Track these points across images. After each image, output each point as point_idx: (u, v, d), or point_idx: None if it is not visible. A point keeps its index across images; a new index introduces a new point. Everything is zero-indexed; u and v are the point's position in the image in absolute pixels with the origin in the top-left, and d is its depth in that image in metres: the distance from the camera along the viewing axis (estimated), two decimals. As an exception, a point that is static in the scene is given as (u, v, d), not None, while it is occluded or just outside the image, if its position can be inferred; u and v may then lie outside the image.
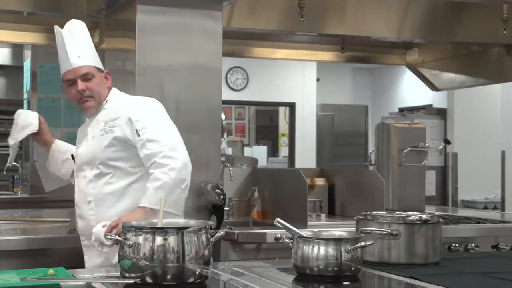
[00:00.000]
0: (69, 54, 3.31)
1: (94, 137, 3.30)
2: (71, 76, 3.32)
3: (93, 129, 3.33)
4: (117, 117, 3.25)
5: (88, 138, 3.34)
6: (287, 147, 12.44)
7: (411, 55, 6.46)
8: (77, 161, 3.37)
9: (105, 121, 3.29)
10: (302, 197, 4.36)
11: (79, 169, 3.34)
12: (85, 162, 3.31)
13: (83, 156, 3.33)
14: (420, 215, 2.79)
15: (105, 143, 3.23)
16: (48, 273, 2.36)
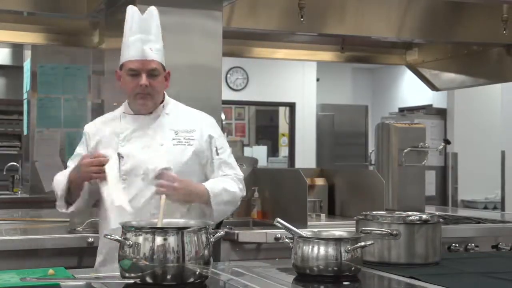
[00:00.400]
0: (142, 43, 3.04)
1: (163, 145, 3.07)
2: (137, 67, 3.04)
3: (159, 134, 3.09)
4: (193, 129, 3.13)
5: (152, 143, 3.07)
6: (287, 147, 12.43)
7: (411, 55, 6.46)
8: (135, 164, 3.04)
9: (175, 130, 3.10)
10: (302, 197, 4.36)
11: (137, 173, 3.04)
12: (151, 170, 3.02)
13: (148, 163, 3.03)
14: (420, 215, 2.79)
15: (186, 157, 3.06)
16: (48, 273, 2.36)
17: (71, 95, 6.99)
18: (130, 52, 3.05)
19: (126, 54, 3.07)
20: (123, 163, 3.03)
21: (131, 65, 3.04)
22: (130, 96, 3.09)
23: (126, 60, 3.06)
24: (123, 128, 3.11)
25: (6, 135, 9.18)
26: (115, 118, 3.18)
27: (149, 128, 3.10)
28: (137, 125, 3.11)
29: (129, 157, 3.05)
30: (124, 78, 3.08)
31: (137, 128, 3.11)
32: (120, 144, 3.07)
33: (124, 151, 3.06)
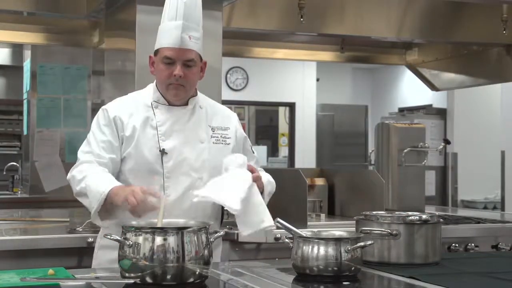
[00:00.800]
0: (182, 30, 2.89)
1: (204, 142, 2.98)
2: (173, 55, 2.89)
3: (198, 130, 2.99)
4: (227, 127, 3.08)
5: (192, 139, 2.97)
6: (287, 147, 12.44)
7: (411, 55, 6.46)
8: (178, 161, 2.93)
9: (211, 127, 3.04)
10: (302, 197, 4.35)
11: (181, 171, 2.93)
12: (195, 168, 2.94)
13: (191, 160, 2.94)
14: (420, 215, 2.79)
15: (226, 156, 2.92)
16: (48, 273, 2.36)
17: (71, 95, 6.98)
18: (167, 39, 2.90)
19: (163, 40, 2.92)
20: (166, 160, 2.91)
21: (166, 53, 2.89)
22: (163, 84, 2.95)
23: (162, 47, 2.91)
24: (160, 120, 2.96)
25: (6, 135, 9.18)
26: (144, 106, 2.99)
27: (188, 123, 2.98)
28: (175, 118, 2.97)
29: (173, 153, 2.92)
30: (158, 65, 2.94)
31: (176, 122, 2.97)
32: (160, 139, 2.92)
33: (167, 146, 2.92)
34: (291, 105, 11.67)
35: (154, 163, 2.90)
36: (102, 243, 3.05)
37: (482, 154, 8.39)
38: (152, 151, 2.91)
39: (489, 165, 8.18)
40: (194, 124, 2.99)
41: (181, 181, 2.92)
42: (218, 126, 3.06)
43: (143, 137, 2.92)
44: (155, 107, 2.98)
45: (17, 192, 7.13)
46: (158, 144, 2.91)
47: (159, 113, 2.97)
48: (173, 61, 2.89)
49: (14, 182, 7.25)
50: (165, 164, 2.90)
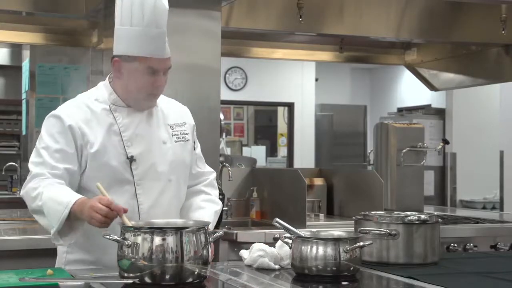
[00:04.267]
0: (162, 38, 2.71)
1: (166, 143, 2.84)
2: (157, 66, 2.71)
3: (158, 131, 2.85)
4: (183, 123, 2.93)
5: (155, 141, 2.82)
6: (285, 147, 12.43)
7: (409, 55, 6.46)
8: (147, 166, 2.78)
9: (169, 124, 2.88)
10: (300, 197, 4.36)
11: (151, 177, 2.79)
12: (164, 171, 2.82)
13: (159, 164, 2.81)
14: (418, 215, 2.79)
15: (188, 153, 2.90)
16: (47, 273, 2.36)
17: (69, 95, 6.98)
18: (151, 49, 2.69)
19: (143, 48, 2.70)
20: (135, 167, 2.74)
21: (151, 64, 2.70)
22: (140, 94, 2.75)
23: (144, 56, 2.70)
24: (124, 125, 2.77)
25: (4, 135, 9.18)
26: (103, 110, 2.78)
27: (148, 124, 2.82)
28: (137, 121, 2.80)
29: (141, 159, 2.76)
30: (135, 75, 2.73)
31: (138, 125, 2.79)
32: (126, 145, 2.75)
33: (135, 153, 2.75)
34: (290, 105, 11.67)
35: (123, 172, 2.73)
36: (70, 258, 2.82)
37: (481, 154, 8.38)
38: (119, 158, 2.73)
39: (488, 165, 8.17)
40: (155, 125, 2.84)
41: (152, 186, 2.78)
42: (176, 123, 2.91)
43: (109, 145, 2.73)
44: (114, 111, 2.79)
45: (16, 192, 7.13)
46: (125, 151, 2.74)
47: (120, 117, 2.78)
48: (156, 70, 2.72)
49: (13, 182, 7.26)
50: (134, 171, 2.75)
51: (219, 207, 3.01)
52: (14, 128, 9.05)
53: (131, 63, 2.73)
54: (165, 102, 2.95)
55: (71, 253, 2.80)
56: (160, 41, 2.70)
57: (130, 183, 2.75)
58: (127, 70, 2.76)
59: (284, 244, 2.60)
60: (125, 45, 2.75)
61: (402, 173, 5.06)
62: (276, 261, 2.67)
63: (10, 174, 7.42)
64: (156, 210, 2.77)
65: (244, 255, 2.77)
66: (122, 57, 2.76)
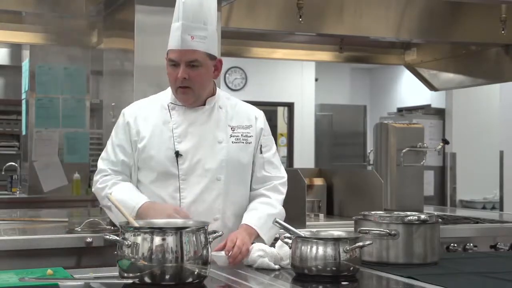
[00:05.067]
0: (181, 30, 2.81)
1: (221, 142, 2.93)
2: (175, 57, 2.84)
3: (215, 130, 2.94)
4: (249, 125, 3.00)
5: (209, 140, 2.92)
6: (285, 147, 12.43)
7: (409, 55, 6.46)
8: (193, 163, 2.89)
9: (231, 126, 2.97)
10: (300, 197, 4.35)
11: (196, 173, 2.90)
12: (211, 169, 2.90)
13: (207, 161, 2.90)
14: (418, 215, 2.79)
15: (246, 155, 2.97)
16: (47, 273, 2.36)
17: (69, 95, 6.99)
18: (171, 41, 2.86)
19: (169, 42, 2.88)
20: (181, 162, 2.88)
21: (171, 55, 2.87)
22: (172, 88, 2.94)
23: (168, 49, 2.88)
24: (176, 121, 2.92)
25: (4, 135, 9.17)
26: (161, 108, 2.97)
27: (205, 123, 2.94)
28: (191, 119, 2.93)
29: (188, 155, 2.89)
30: (167, 68, 2.91)
31: (192, 123, 2.93)
32: (176, 140, 2.89)
33: (182, 148, 2.89)
34: (290, 105, 11.67)
35: (169, 166, 2.88)
36: None
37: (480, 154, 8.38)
38: (167, 153, 2.89)
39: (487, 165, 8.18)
40: (212, 125, 2.94)
41: (196, 182, 2.90)
42: (239, 125, 2.99)
43: (159, 139, 2.91)
44: (171, 109, 2.96)
45: (16, 192, 7.13)
46: (173, 146, 2.89)
47: (175, 114, 2.94)
48: (177, 63, 2.85)
49: (13, 182, 7.25)
50: (180, 166, 2.88)
51: (276, 211, 2.99)
52: (14, 128, 9.04)
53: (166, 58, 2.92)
54: (234, 104, 3.05)
55: None
56: (179, 33, 2.80)
57: (175, 177, 2.89)
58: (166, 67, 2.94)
59: (284, 244, 2.60)
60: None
61: (402, 173, 5.06)
62: (276, 261, 2.67)
63: (10, 174, 7.42)
64: (198, 207, 2.88)
65: None
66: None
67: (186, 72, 2.83)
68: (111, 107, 4.40)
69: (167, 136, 2.91)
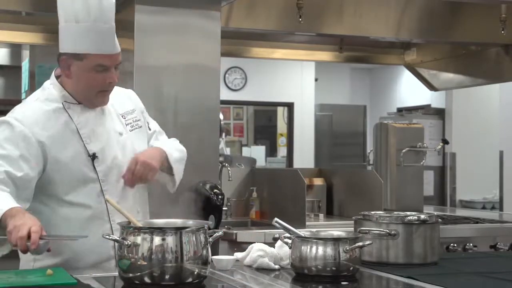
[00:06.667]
0: (112, 32, 2.64)
1: (122, 134, 2.79)
2: (107, 63, 2.64)
3: (112, 122, 2.78)
4: (133, 109, 2.88)
5: (111, 134, 2.76)
6: (285, 147, 12.43)
7: (409, 55, 6.46)
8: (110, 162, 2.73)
9: (121, 114, 2.83)
10: (300, 197, 4.36)
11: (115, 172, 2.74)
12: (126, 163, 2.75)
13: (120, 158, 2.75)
14: (418, 215, 2.79)
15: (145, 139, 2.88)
16: (47, 273, 2.36)
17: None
18: (98, 45, 2.61)
19: (92, 46, 2.61)
20: (98, 164, 2.68)
21: (101, 61, 2.62)
22: (91, 91, 2.68)
23: (91, 53, 2.61)
24: (79, 121, 2.69)
25: (4, 135, 9.16)
26: (54, 109, 2.70)
27: (103, 118, 2.76)
28: (92, 116, 2.73)
29: (103, 155, 2.70)
30: (84, 73, 2.64)
31: (93, 120, 2.72)
32: (85, 142, 2.67)
33: (96, 149, 2.69)
34: (290, 105, 11.67)
35: (85, 170, 2.67)
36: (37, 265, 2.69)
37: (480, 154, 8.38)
38: (80, 157, 2.67)
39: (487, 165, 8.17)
40: (109, 118, 2.78)
41: (116, 181, 2.73)
42: (126, 111, 2.86)
43: (67, 144, 2.66)
44: (67, 108, 2.70)
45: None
46: (85, 149, 2.68)
47: (74, 114, 2.70)
48: (107, 67, 2.64)
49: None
50: (98, 168, 2.68)
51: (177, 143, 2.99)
52: (13, 128, 9.03)
53: (80, 61, 2.64)
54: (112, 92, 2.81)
55: (40, 260, 2.66)
56: (109, 37, 2.62)
57: (95, 181, 2.69)
58: (76, 68, 2.66)
59: (283, 244, 2.60)
60: (72, 43, 2.63)
61: (402, 173, 5.06)
62: (276, 261, 2.67)
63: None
64: (125, 204, 2.68)
65: (240, 255, 2.77)
66: (70, 55, 2.65)
67: (115, 76, 2.69)
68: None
69: (74, 139, 2.68)
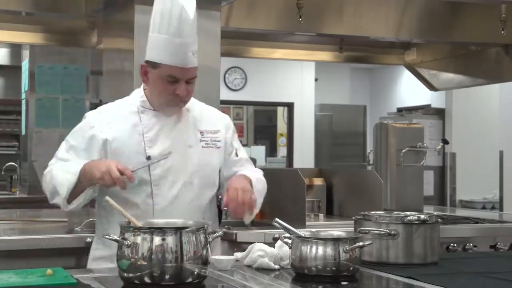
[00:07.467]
0: (188, 47, 2.78)
1: (192, 147, 2.91)
2: (178, 75, 2.79)
3: (186, 135, 2.92)
4: (218, 130, 2.99)
5: (180, 145, 2.88)
6: (285, 147, 12.44)
7: (409, 55, 6.46)
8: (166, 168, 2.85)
9: (200, 131, 2.96)
10: (300, 197, 4.35)
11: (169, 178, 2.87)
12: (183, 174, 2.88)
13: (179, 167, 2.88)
14: (418, 215, 2.79)
15: (216, 160, 2.97)
16: (46, 273, 2.36)
17: (69, 95, 7.00)
18: (172, 57, 2.77)
19: (165, 56, 2.78)
20: (153, 167, 2.82)
21: (171, 72, 2.78)
22: (161, 100, 2.86)
23: (165, 63, 2.78)
24: (146, 125, 2.88)
25: (4, 135, 9.18)
26: (130, 112, 2.91)
27: (175, 127, 2.90)
28: (162, 123, 2.89)
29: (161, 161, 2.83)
30: (158, 81, 2.82)
31: (163, 127, 2.88)
32: (147, 145, 2.84)
33: (154, 153, 2.83)
34: (290, 105, 11.68)
35: (140, 171, 2.80)
36: (96, 254, 3.01)
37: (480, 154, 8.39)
38: (138, 158, 2.81)
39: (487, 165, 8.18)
40: (182, 129, 2.91)
41: (169, 188, 2.85)
42: (208, 129, 2.98)
43: (128, 144, 2.84)
44: (141, 112, 2.90)
45: (16, 192, 7.13)
46: (144, 151, 2.83)
47: (145, 118, 2.89)
48: (177, 79, 2.80)
49: (13, 182, 7.26)
50: (152, 171, 2.82)
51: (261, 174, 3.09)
52: (13, 128, 9.05)
53: (155, 69, 2.81)
54: (202, 108, 3.04)
55: (96, 249, 3.00)
56: (182, 51, 2.76)
57: (147, 183, 2.83)
58: (151, 76, 2.84)
59: (283, 244, 2.60)
60: (152, 52, 2.82)
61: (402, 173, 5.06)
62: (276, 261, 2.67)
63: (9, 174, 7.42)
64: (172, 212, 2.79)
65: (240, 255, 2.77)
66: (149, 63, 2.84)
67: (186, 90, 2.82)
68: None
69: (137, 141, 2.85)
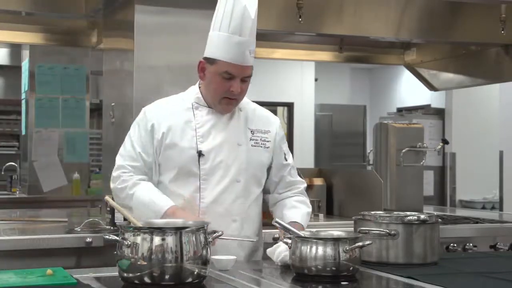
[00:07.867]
0: (247, 45, 2.89)
1: (242, 145, 2.96)
2: (235, 72, 2.89)
3: (236, 132, 2.98)
4: (268, 131, 3.05)
5: (230, 141, 2.95)
6: (285, 147, 12.42)
7: (409, 55, 6.46)
8: (215, 163, 2.92)
9: (251, 129, 3.02)
10: (300, 197, 4.34)
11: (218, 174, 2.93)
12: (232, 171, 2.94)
13: (229, 163, 2.94)
14: (418, 215, 2.79)
15: (265, 160, 3.02)
16: (46, 273, 2.36)
17: (69, 95, 7.00)
18: (230, 54, 2.86)
19: (224, 53, 2.87)
20: (203, 162, 2.90)
21: (228, 69, 2.87)
22: (216, 96, 2.93)
23: (223, 60, 2.87)
24: (200, 121, 2.95)
25: (4, 135, 9.18)
26: (184, 107, 2.99)
27: (227, 125, 2.97)
28: (215, 120, 2.96)
29: (210, 155, 2.91)
30: (214, 76, 2.90)
31: (215, 124, 2.96)
32: (198, 140, 2.92)
33: (205, 148, 2.91)
34: (290, 105, 11.66)
35: (191, 165, 2.90)
36: None
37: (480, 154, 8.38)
38: (189, 152, 2.90)
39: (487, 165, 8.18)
40: (233, 127, 2.98)
41: (217, 183, 2.91)
42: (258, 129, 3.03)
43: (181, 138, 2.91)
44: (195, 108, 2.98)
45: (16, 192, 7.13)
46: (196, 146, 2.91)
47: (199, 114, 2.96)
48: (233, 76, 2.88)
49: (13, 182, 7.26)
50: (202, 166, 2.90)
51: (310, 210, 3.12)
52: (13, 128, 9.05)
53: (212, 65, 2.89)
54: (255, 108, 3.12)
55: None
56: (241, 49, 2.86)
57: (196, 177, 2.90)
58: (208, 72, 2.92)
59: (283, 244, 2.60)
60: (211, 49, 2.91)
61: (402, 173, 5.05)
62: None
63: (9, 174, 7.43)
64: (217, 207, 2.90)
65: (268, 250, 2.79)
66: (207, 59, 2.92)
67: (240, 87, 2.90)
68: (111, 107, 4.40)
69: (190, 136, 2.92)
